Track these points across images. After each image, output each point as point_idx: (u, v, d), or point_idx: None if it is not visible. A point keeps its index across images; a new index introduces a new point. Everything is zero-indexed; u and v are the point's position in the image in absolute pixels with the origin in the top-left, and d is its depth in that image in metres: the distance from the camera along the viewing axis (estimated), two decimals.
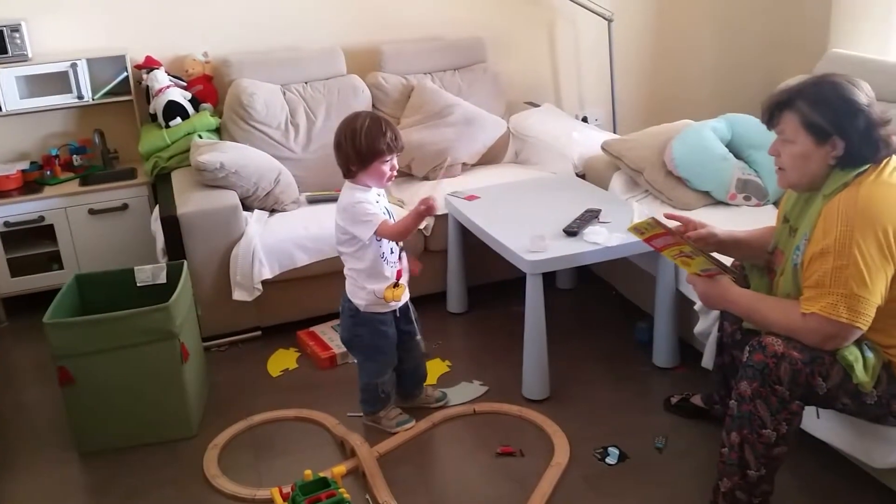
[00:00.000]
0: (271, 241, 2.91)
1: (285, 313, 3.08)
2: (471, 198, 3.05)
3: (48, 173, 3.40)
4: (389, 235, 2.28)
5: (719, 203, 2.96)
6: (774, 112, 1.84)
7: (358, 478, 2.28)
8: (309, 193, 3.27)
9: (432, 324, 3.15)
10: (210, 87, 3.53)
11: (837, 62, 3.08)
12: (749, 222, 2.46)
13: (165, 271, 2.64)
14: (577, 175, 3.38)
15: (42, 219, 3.25)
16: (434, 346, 2.99)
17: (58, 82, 3.27)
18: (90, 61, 3.30)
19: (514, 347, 2.67)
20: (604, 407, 2.57)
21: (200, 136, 3.25)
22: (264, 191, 3.05)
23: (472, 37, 3.81)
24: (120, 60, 3.37)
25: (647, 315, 2.90)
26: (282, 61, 3.51)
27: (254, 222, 2.96)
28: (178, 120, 3.29)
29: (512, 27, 4.00)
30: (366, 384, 2.46)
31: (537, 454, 2.35)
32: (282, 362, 2.92)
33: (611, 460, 2.31)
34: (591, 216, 2.74)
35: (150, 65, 3.41)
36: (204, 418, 2.58)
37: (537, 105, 3.94)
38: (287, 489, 2.11)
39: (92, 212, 3.29)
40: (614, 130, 4.07)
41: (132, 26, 3.45)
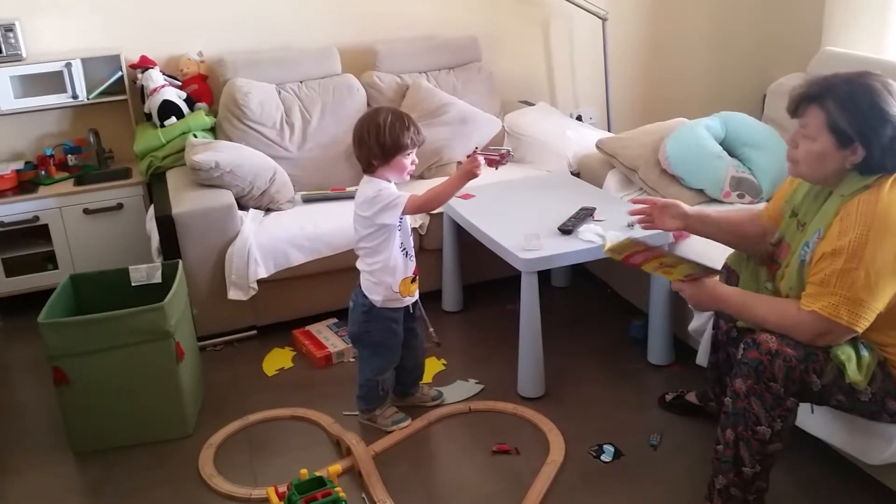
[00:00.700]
0: (267, 241, 2.91)
1: (281, 312, 3.08)
2: (466, 196, 3.05)
3: (43, 173, 3.40)
4: (424, 204, 2.28)
5: (713, 201, 2.96)
6: (801, 104, 1.78)
7: (354, 477, 2.28)
8: (304, 193, 3.27)
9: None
10: (205, 87, 3.53)
11: (830, 60, 3.09)
12: None
13: (160, 271, 2.64)
14: (571, 173, 3.38)
15: (37, 219, 3.25)
16: (428, 344, 2.98)
17: (52, 82, 3.26)
18: (85, 61, 3.30)
19: (510, 346, 2.68)
20: (599, 404, 2.58)
21: (195, 136, 3.24)
22: (259, 190, 3.05)
23: (467, 36, 3.82)
24: (115, 60, 3.36)
25: (642, 312, 2.91)
26: (277, 60, 3.51)
27: (249, 221, 2.96)
28: (173, 119, 3.28)
29: (506, 26, 4.00)
30: (367, 380, 2.46)
31: (533, 452, 2.35)
32: (277, 361, 2.92)
33: (606, 458, 2.32)
34: (585, 214, 2.75)
35: (144, 64, 3.41)
36: (199, 418, 2.58)
37: (532, 104, 3.94)
38: (283, 488, 2.11)
39: (87, 211, 3.28)
40: (609, 129, 4.08)
41: (127, 26, 3.44)
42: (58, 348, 2.32)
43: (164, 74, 3.40)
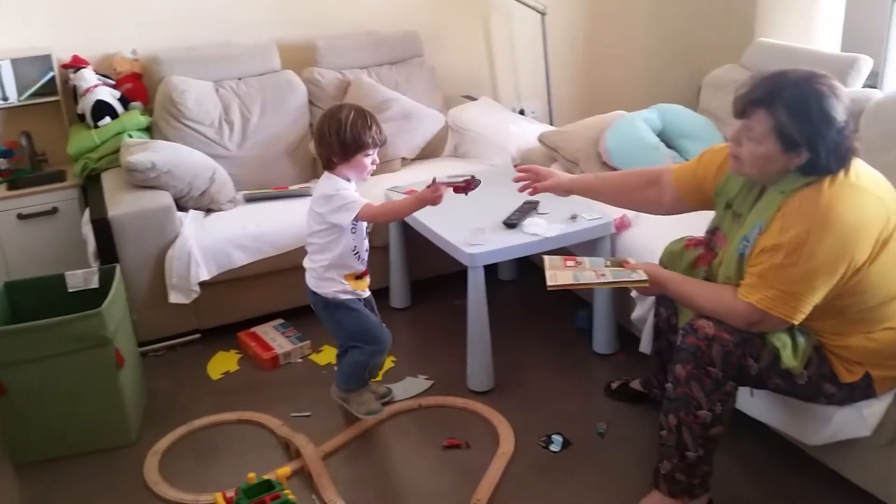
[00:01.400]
0: (208, 242, 2.86)
1: (225, 315, 3.03)
2: (410, 192, 3.04)
3: None
4: (377, 216, 2.29)
5: None
6: (748, 108, 1.75)
7: (304, 478, 2.26)
8: (246, 192, 3.23)
9: None
10: (140, 85, 3.44)
11: (763, 51, 3.17)
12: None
13: (98, 276, 2.57)
14: (515, 167, 3.39)
15: None
16: None
17: None
18: (14, 61, 3.19)
19: (458, 340, 2.68)
20: (547, 395, 2.60)
21: (131, 136, 3.17)
22: (199, 190, 2.99)
23: (408, 31, 3.80)
24: (45, 60, 3.26)
25: (587, 303, 2.95)
26: (214, 57, 3.44)
27: (189, 223, 2.90)
28: (108, 119, 3.20)
29: (447, 21, 4.00)
30: (356, 361, 2.41)
31: (483, 445, 2.37)
32: (222, 365, 2.88)
33: (555, 447, 2.35)
34: (529, 208, 2.77)
35: (77, 64, 3.31)
36: (143, 425, 2.53)
37: (474, 98, 3.95)
38: (231, 493, 2.09)
39: (21, 216, 3.17)
40: (551, 122, 4.11)
41: (58, 25, 3.33)
42: None
43: (97, 74, 3.31)
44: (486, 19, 4.09)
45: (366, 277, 2.39)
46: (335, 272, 2.31)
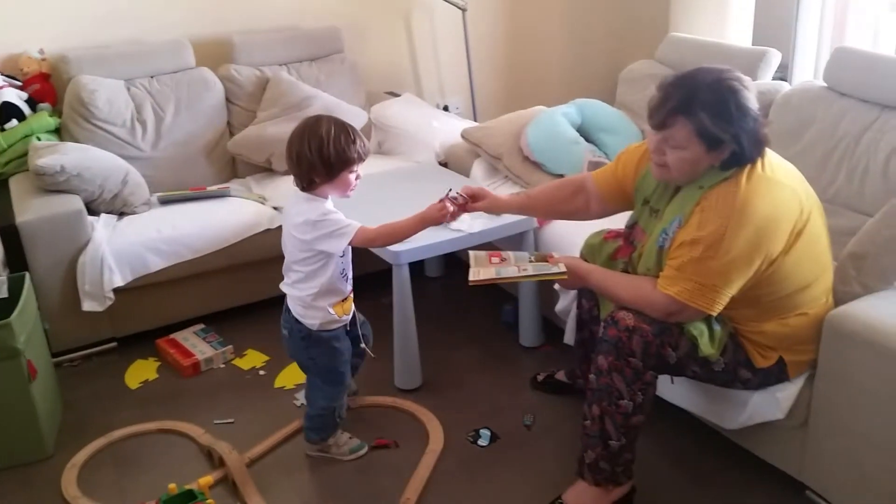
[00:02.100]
0: (121, 247, 2.76)
1: (142, 322, 2.93)
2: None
3: None
4: (375, 239, 2.09)
5: None
6: (668, 118, 1.76)
7: (228, 487, 2.20)
8: (161, 194, 3.12)
9: None
10: (47, 86, 3.30)
11: (676, 46, 3.24)
12: None
13: (6, 285, 2.44)
14: (439, 163, 3.40)
15: None
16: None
17: None
18: None
19: (385, 339, 2.65)
20: (475, 390, 2.61)
21: (39, 139, 3.04)
22: (111, 193, 2.89)
23: (328, 26, 3.75)
24: None
25: (513, 297, 2.96)
26: (124, 55, 3.32)
27: (101, 227, 2.80)
28: (14, 122, 3.06)
29: (368, 17, 3.96)
30: (322, 408, 2.25)
31: (413, 443, 2.36)
32: (141, 373, 2.79)
33: (483, 442, 2.35)
34: None
35: None
36: (60, 438, 2.43)
37: (398, 95, 3.93)
38: None
39: None
40: (475, 118, 4.12)
41: None
42: None
43: (2, 75, 3.17)
44: (408, 15, 4.07)
45: (349, 298, 2.22)
46: (324, 300, 2.12)
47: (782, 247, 1.77)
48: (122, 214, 2.96)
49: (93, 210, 2.87)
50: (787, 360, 1.91)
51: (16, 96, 3.11)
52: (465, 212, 2.20)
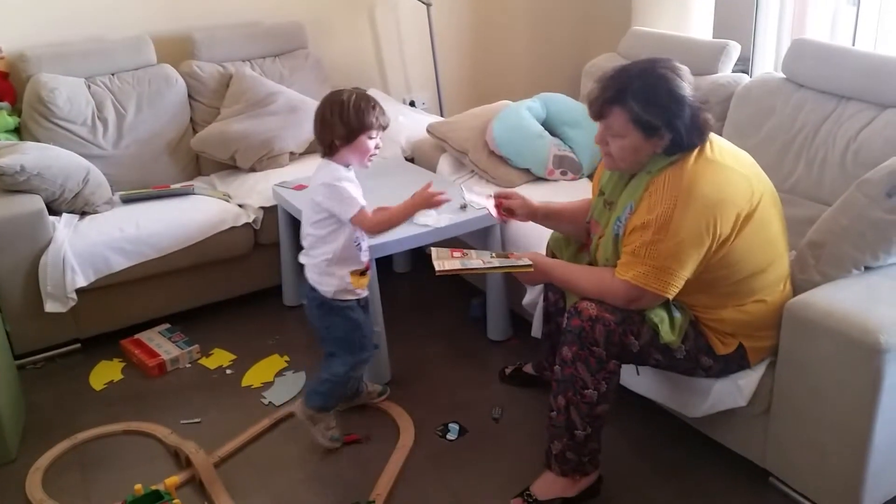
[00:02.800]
0: (83, 246, 2.72)
1: (106, 322, 2.90)
2: (299, 187, 2.99)
3: None
4: (372, 226, 2.17)
5: (539, 179, 3.07)
6: (605, 109, 1.83)
7: (196, 487, 2.18)
8: (123, 192, 3.08)
9: (268, 318, 3.09)
10: (6, 85, 3.23)
11: (638, 40, 3.27)
12: (568, 196, 2.56)
13: None
14: (405, 159, 3.40)
15: None
16: (271, 341, 2.92)
17: None
18: None
19: None
20: (444, 385, 2.62)
21: None
22: (72, 192, 2.84)
23: (291, 21, 3.72)
24: None
25: (480, 292, 2.97)
26: (84, 53, 3.27)
27: (62, 227, 2.75)
28: None
29: (331, 11, 3.94)
30: (335, 374, 2.28)
31: (382, 439, 2.36)
32: (105, 374, 2.75)
33: (451, 436, 2.36)
34: None
35: None
36: (23, 441, 2.40)
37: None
38: None
39: None
40: (441, 113, 4.12)
41: None
42: None
43: None
44: (372, 10, 4.06)
45: (367, 273, 2.29)
46: (338, 267, 2.20)
47: (731, 228, 1.80)
48: (83, 214, 2.92)
49: (54, 210, 2.82)
50: (746, 347, 1.94)
51: None
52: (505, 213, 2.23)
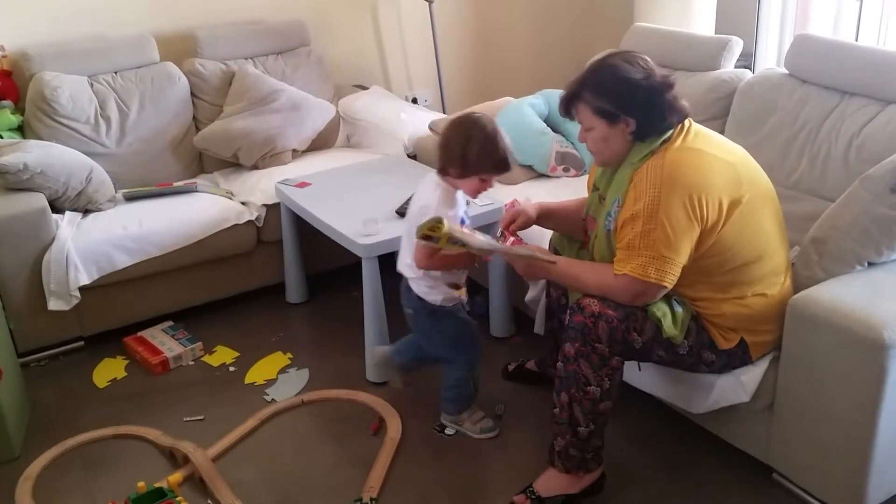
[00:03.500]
0: (86, 244, 2.72)
1: (110, 320, 2.90)
2: (302, 185, 3.00)
3: None
4: (422, 264, 2.12)
5: (542, 175, 3.07)
6: (569, 106, 1.95)
7: (196, 484, 2.19)
8: (126, 190, 3.09)
9: (272, 316, 3.09)
10: (9, 83, 3.24)
11: (641, 35, 3.25)
12: (571, 192, 2.57)
13: None
14: (408, 156, 3.40)
15: None
16: (274, 339, 2.92)
17: None
18: None
19: (356, 333, 2.66)
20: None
21: (1, 136, 2.99)
22: (75, 190, 2.85)
23: (294, 19, 3.72)
24: None
25: (483, 288, 2.97)
26: (87, 51, 3.28)
27: (65, 225, 2.76)
28: None
29: (333, 9, 3.94)
30: (457, 379, 2.31)
31: (376, 434, 2.37)
32: (109, 372, 2.76)
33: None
34: None
35: None
36: (27, 438, 2.40)
37: (366, 88, 3.91)
38: None
39: None
40: (443, 110, 4.12)
41: None
42: None
43: None
44: (374, 7, 4.06)
45: (464, 286, 2.27)
46: (439, 283, 2.19)
47: (718, 214, 1.81)
48: (86, 212, 2.92)
49: (57, 208, 2.83)
50: (748, 342, 1.94)
51: None
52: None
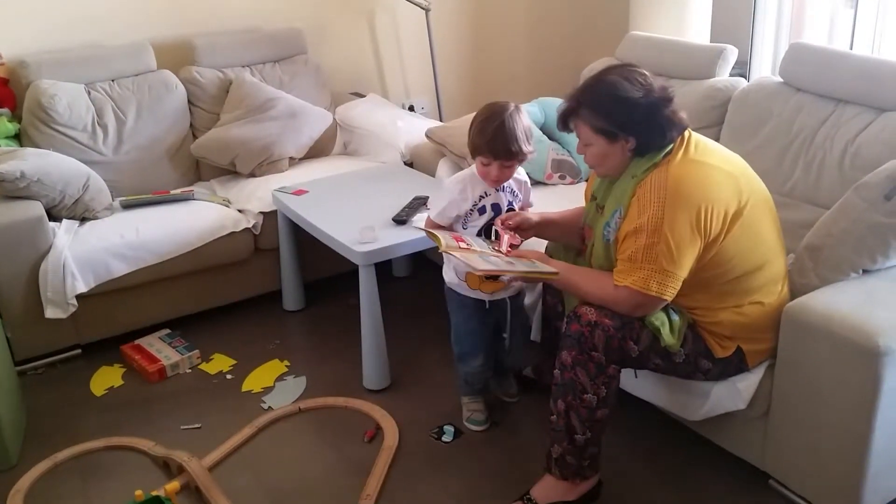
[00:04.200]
0: (83, 252, 2.72)
1: (107, 328, 2.90)
2: (299, 192, 3.00)
3: None
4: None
5: (538, 183, 3.07)
6: (567, 121, 1.95)
7: (193, 493, 2.18)
8: (123, 198, 3.09)
9: (269, 323, 3.09)
10: (6, 91, 3.24)
11: (635, 44, 3.28)
12: (567, 200, 2.58)
13: None
14: (404, 163, 3.40)
15: None
16: (271, 346, 2.93)
17: None
18: None
19: (354, 340, 2.66)
20: (443, 388, 2.61)
21: None
22: (72, 199, 2.84)
23: (291, 27, 3.73)
24: None
25: None
26: (84, 59, 3.28)
27: (62, 233, 2.76)
28: None
29: (330, 17, 3.95)
30: (458, 367, 2.41)
31: (373, 442, 2.37)
32: (106, 380, 2.75)
33: (447, 438, 2.37)
34: (419, 203, 2.77)
35: None
36: (24, 447, 2.40)
37: (363, 95, 3.92)
38: None
39: None
40: (440, 118, 4.13)
41: None
42: None
43: None
44: (371, 15, 4.07)
45: (491, 281, 2.21)
46: (450, 263, 2.26)
47: (721, 226, 1.82)
48: (84, 220, 2.92)
49: (54, 216, 2.83)
50: (745, 350, 1.94)
51: None
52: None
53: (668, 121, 1.85)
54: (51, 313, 2.69)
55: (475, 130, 2.13)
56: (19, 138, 3.14)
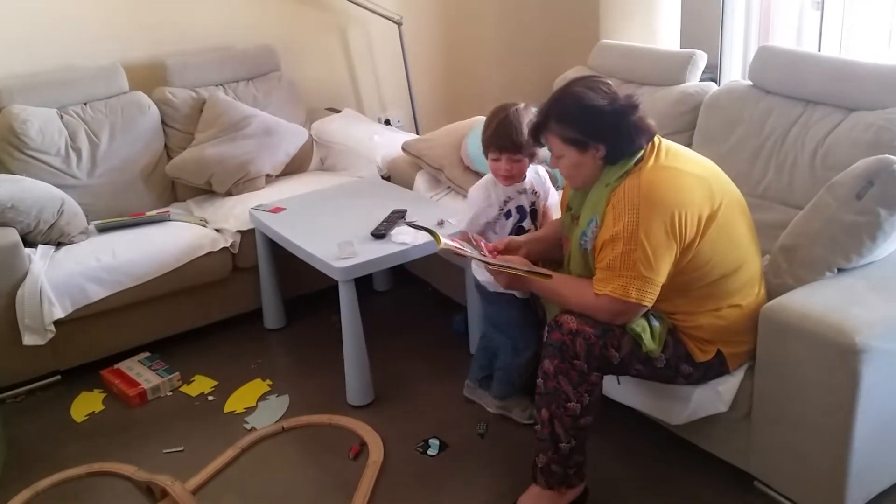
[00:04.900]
0: (59, 277, 2.69)
1: (86, 353, 2.86)
2: (276, 210, 2.99)
3: None
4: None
5: None
6: (538, 135, 1.98)
7: None
8: (99, 222, 3.06)
9: (250, 343, 3.07)
10: None
11: (606, 52, 3.30)
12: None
13: None
14: (382, 177, 3.40)
15: None
16: (252, 366, 2.91)
17: None
18: None
19: (337, 356, 2.65)
20: (428, 402, 2.61)
21: None
22: (47, 224, 2.82)
23: (263, 45, 3.73)
24: None
25: (462, 307, 2.97)
26: (56, 83, 3.25)
27: (38, 259, 2.73)
28: None
29: (302, 33, 3.95)
30: (504, 363, 2.40)
31: (358, 458, 2.35)
32: (87, 406, 2.72)
33: (432, 452, 2.36)
34: (397, 217, 2.77)
35: None
36: (5, 475, 2.37)
37: (338, 111, 3.92)
38: None
39: None
40: (416, 131, 4.14)
41: None
42: None
43: None
44: (344, 30, 4.08)
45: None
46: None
47: (696, 230, 1.84)
48: (59, 244, 2.89)
49: (29, 242, 2.80)
50: (725, 353, 1.96)
51: None
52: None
53: (635, 127, 1.87)
54: (29, 340, 2.66)
55: (483, 128, 2.23)
56: None
